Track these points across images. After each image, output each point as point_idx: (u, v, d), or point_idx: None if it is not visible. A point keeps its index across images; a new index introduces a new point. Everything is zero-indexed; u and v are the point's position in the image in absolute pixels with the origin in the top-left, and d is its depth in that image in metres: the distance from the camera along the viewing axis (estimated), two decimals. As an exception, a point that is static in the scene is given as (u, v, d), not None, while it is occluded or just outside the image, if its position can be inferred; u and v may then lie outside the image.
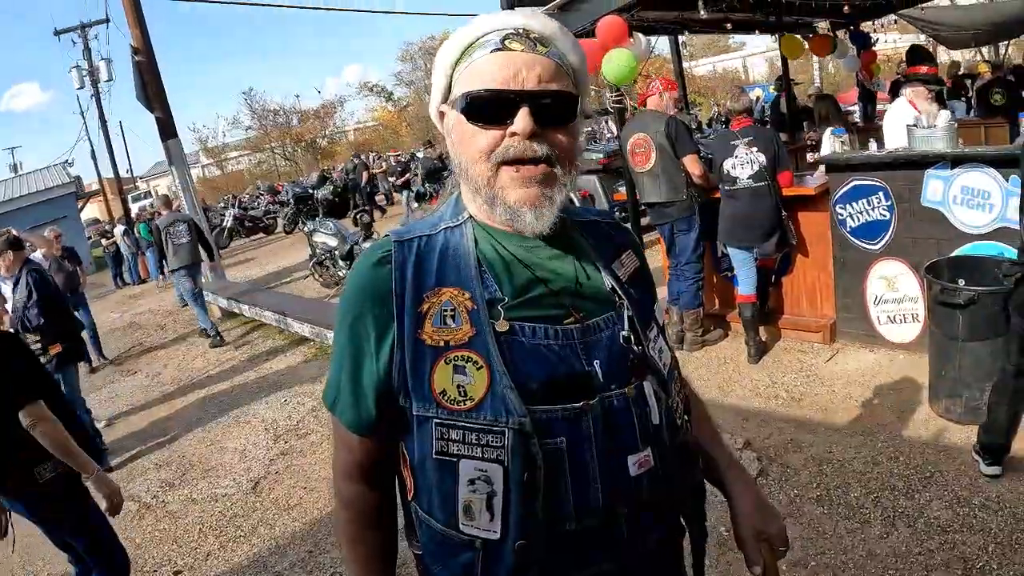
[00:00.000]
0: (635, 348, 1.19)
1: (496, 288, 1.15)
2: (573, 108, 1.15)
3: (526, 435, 1.07)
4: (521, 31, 1.13)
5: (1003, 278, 3.31)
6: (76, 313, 8.55)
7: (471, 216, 1.21)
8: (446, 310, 1.13)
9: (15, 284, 5.54)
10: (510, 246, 1.19)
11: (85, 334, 8.75)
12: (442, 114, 1.21)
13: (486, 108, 1.11)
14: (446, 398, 1.11)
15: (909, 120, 5.16)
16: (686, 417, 1.31)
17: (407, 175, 18.72)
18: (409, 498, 1.24)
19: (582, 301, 1.19)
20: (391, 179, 20.32)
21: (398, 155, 26.39)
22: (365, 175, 19.64)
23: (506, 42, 1.11)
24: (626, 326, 1.20)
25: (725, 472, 1.39)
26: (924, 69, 5.90)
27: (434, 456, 1.13)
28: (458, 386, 1.10)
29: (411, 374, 1.13)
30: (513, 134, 1.10)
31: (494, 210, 1.15)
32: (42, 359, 5.55)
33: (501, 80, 1.10)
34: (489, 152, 1.12)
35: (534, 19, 1.16)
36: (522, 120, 1.09)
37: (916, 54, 8.71)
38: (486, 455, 1.09)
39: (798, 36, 9.39)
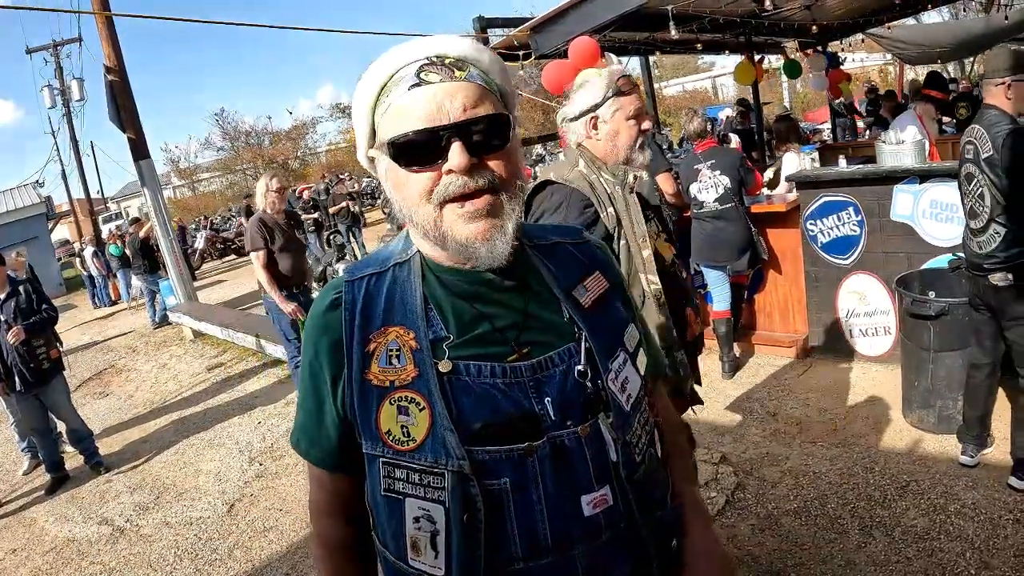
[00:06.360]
0: (589, 384, 1.14)
1: (441, 327, 1.13)
2: (506, 129, 1.09)
3: (465, 477, 1.06)
4: (435, 59, 1.07)
5: (982, 272, 3.32)
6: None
7: (419, 251, 1.19)
8: (392, 350, 1.12)
9: (7, 297, 5.49)
10: (458, 282, 1.15)
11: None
12: (372, 158, 1.16)
13: (416, 151, 1.05)
14: (391, 438, 1.10)
15: (917, 134, 5.27)
16: (651, 451, 1.26)
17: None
18: (371, 531, 1.24)
19: (534, 335, 1.15)
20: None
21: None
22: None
23: (422, 75, 1.05)
24: (583, 359, 1.15)
25: (684, 513, 1.33)
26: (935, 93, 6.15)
27: (383, 494, 1.13)
28: (402, 426, 1.09)
29: (359, 414, 1.13)
30: (450, 171, 1.04)
31: (446, 248, 1.11)
32: (44, 365, 5.64)
33: (425, 117, 1.04)
34: (428, 194, 1.07)
35: (447, 42, 1.10)
36: (456, 156, 1.03)
37: (934, 79, 9.27)
38: (428, 495, 1.09)
39: (751, 61, 9.55)
